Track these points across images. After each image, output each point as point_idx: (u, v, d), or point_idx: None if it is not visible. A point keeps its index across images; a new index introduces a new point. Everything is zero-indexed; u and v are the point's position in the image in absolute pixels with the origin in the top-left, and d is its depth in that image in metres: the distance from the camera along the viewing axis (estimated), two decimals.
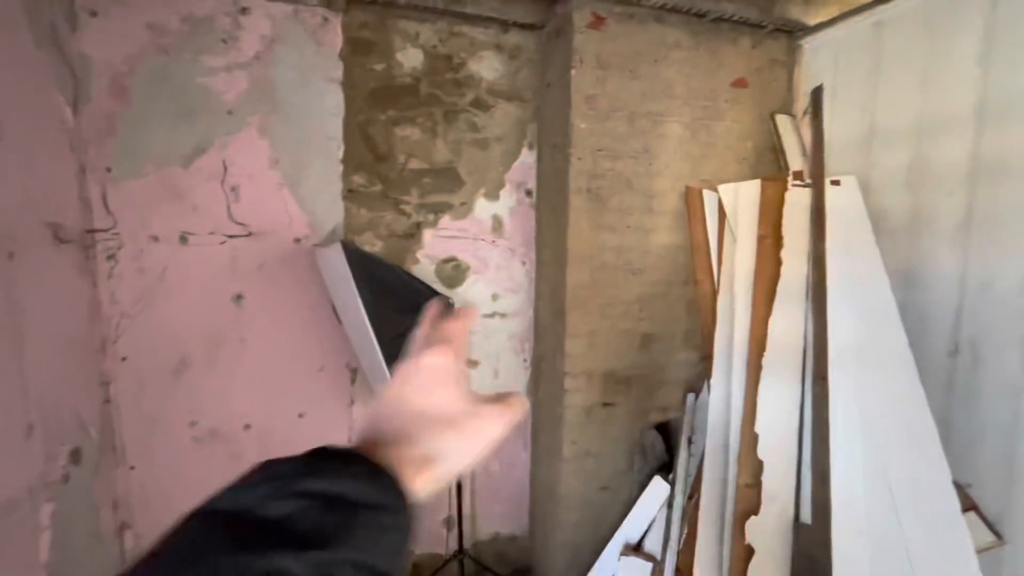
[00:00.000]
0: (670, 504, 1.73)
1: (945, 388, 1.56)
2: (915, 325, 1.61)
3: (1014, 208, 1.39)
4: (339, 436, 2.01)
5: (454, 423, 0.40)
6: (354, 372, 1.99)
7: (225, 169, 1.78)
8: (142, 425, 1.79)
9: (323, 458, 0.34)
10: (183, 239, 1.76)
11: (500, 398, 0.42)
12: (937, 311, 1.58)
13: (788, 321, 1.58)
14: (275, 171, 1.83)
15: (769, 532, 1.34)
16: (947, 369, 1.56)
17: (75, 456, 1.55)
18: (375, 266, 1.61)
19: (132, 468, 1.79)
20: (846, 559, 1.28)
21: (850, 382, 1.46)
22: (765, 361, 1.54)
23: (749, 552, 1.32)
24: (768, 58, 2.05)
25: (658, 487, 1.79)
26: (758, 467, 1.42)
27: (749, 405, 1.51)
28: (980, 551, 1.41)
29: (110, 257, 1.70)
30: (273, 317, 1.88)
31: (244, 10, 1.73)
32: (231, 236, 1.81)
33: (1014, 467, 1.40)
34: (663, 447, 2.08)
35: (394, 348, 1.57)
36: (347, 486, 0.32)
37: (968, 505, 1.48)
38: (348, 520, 0.31)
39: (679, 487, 1.74)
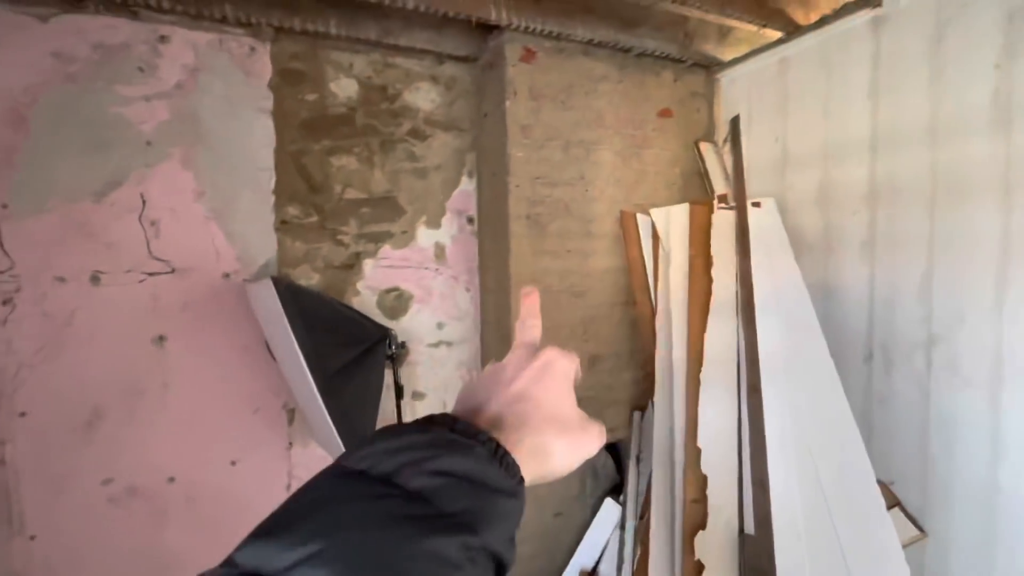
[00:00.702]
0: (622, 525, 1.73)
1: (864, 392, 1.67)
2: (834, 334, 1.73)
3: (906, 226, 1.54)
4: (277, 482, 1.88)
5: (568, 429, 0.40)
6: (292, 412, 1.89)
7: (144, 203, 1.67)
8: (45, 488, 1.60)
9: (453, 431, 0.34)
10: (95, 279, 1.62)
11: (594, 421, 0.43)
12: (852, 321, 1.71)
13: (722, 336, 1.65)
14: (200, 204, 1.73)
15: (717, 546, 1.37)
16: (864, 374, 1.67)
17: None
18: (309, 300, 1.55)
19: (32, 537, 1.59)
20: (788, 565, 1.32)
21: (780, 392, 1.54)
22: (703, 376, 1.60)
23: (699, 568, 1.34)
24: (689, 90, 2.19)
25: (609, 510, 1.79)
26: (703, 481, 1.45)
27: (691, 420, 1.55)
28: (905, 545, 1.50)
29: (6, 302, 1.54)
30: (200, 359, 1.75)
31: (163, 38, 1.66)
32: (151, 274, 1.69)
33: (927, 463, 1.51)
34: (614, 468, 2.09)
35: (335, 383, 1.50)
36: (485, 469, 0.32)
37: (892, 502, 1.57)
38: (487, 504, 0.31)
39: (630, 507, 1.75)
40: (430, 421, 0.35)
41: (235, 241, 1.78)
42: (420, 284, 2.06)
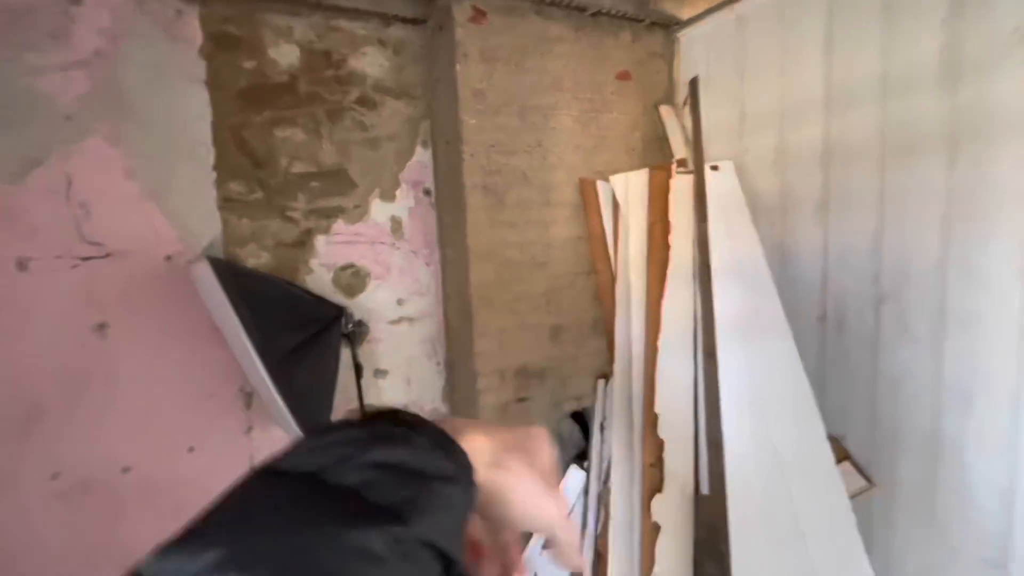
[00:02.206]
0: (586, 491, 1.76)
1: (818, 351, 1.71)
2: (790, 295, 1.75)
3: (858, 186, 1.54)
4: (237, 466, 1.85)
5: (543, 485, 0.37)
6: (249, 396, 1.84)
7: (69, 183, 1.56)
8: None
9: (392, 422, 0.32)
10: (21, 265, 1.53)
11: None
12: (806, 281, 1.72)
13: (679, 302, 1.66)
14: (133, 182, 1.63)
15: (673, 508, 1.40)
16: (818, 333, 1.70)
17: None
18: (253, 280, 1.49)
19: None
20: (741, 522, 1.36)
21: (736, 355, 1.55)
22: (660, 343, 1.60)
23: (656, 529, 1.37)
24: (648, 51, 2.13)
25: (575, 476, 1.82)
26: (660, 446, 1.47)
27: (648, 386, 1.56)
28: (854, 496, 1.56)
29: None
30: (147, 346, 1.68)
31: (75, 1, 1.52)
32: (85, 258, 1.59)
33: (875, 416, 1.56)
34: (580, 435, 2.12)
35: (287, 365, 1.46)
36: (424, 457, 0.30)
37: (842, 456, 1.63)
38: (423, 493, 0.29)
39: (594, 473, 1.77)
40: (375, 416, 0.33)
41: (175, 221, 1.68)
42: (377, 260, 2.01)
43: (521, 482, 0.36)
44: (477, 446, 0.34)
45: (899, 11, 1.41)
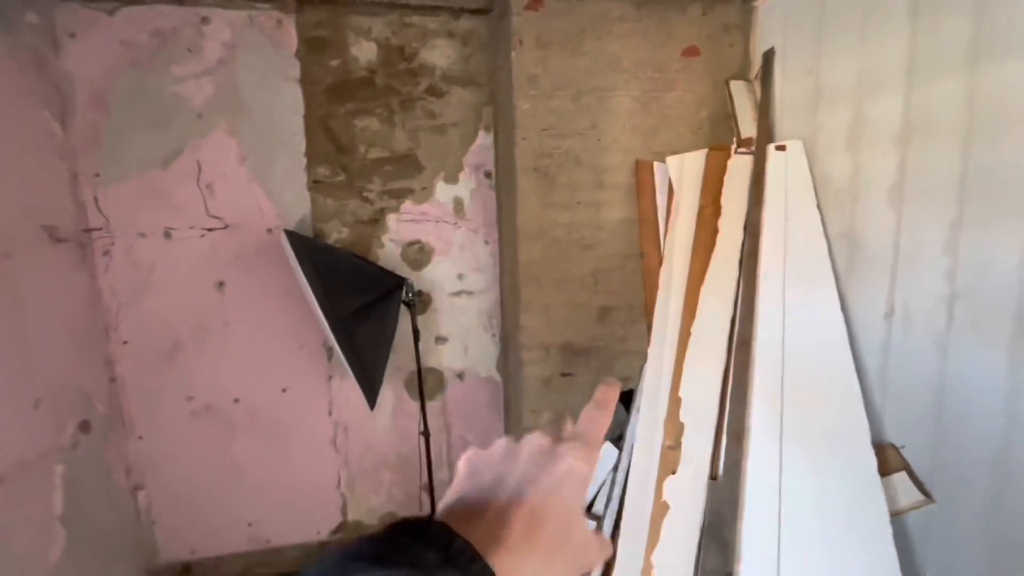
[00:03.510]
0: (616, 467, 1.81)
1: (882, 350, 1.55)
2: (857, 288, 1.61)
3: (937, 169, 1.36)
4: (321, 408, 2.19)
5: (571, 550, 0.35)
6: (330, 351, 2.16)
7: (200, 169, 1.95)
8: (146, 400, 2.03)
9: (446, 561, 0.29)
10: (167, 234, 1.96)
11: (598, 535, 0.39)
12: (875, 273, 1.56)
13: (720, 289, 1.61)
14: (244, 167, 1.99)
15: (685, 490, 1.41)
16: (883, 331, 1.54)
17: (84, 427, 1.79)
18: (322, 251, 1.75)
19: (140, 438, 2.04)
20: (757, 513, 1.34)
21: (775, 346, 1.49)
22: (694, 329, 1.58)
23: (665, 508, 1.40)
24: (721, 23, 2.02)
25: (607, 451, 1.87)
26: (680, 429, 1.48)
27: (676, 371, 1.56)
28: (909, 510, 1.43)
29: (105, 253, 1.92)
30: (253, 302, 2.06)
31: (205, 20, 1.88)
32: (209, 229, 1.99)
33: (940, 426, 1.39)
34: (624, 415, 2.15)
35: (349, 325, 1.71)
36: None
37: (900, 466, 1.48)
38: None
39: (626, 451, 1.81)
40: (423, 537, 0.30)
41: (275, 199, 2.02)
42: (440, 237, 2.20)
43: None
44: None
45: None
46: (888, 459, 1.46)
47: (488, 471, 0.37)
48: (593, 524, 1.80)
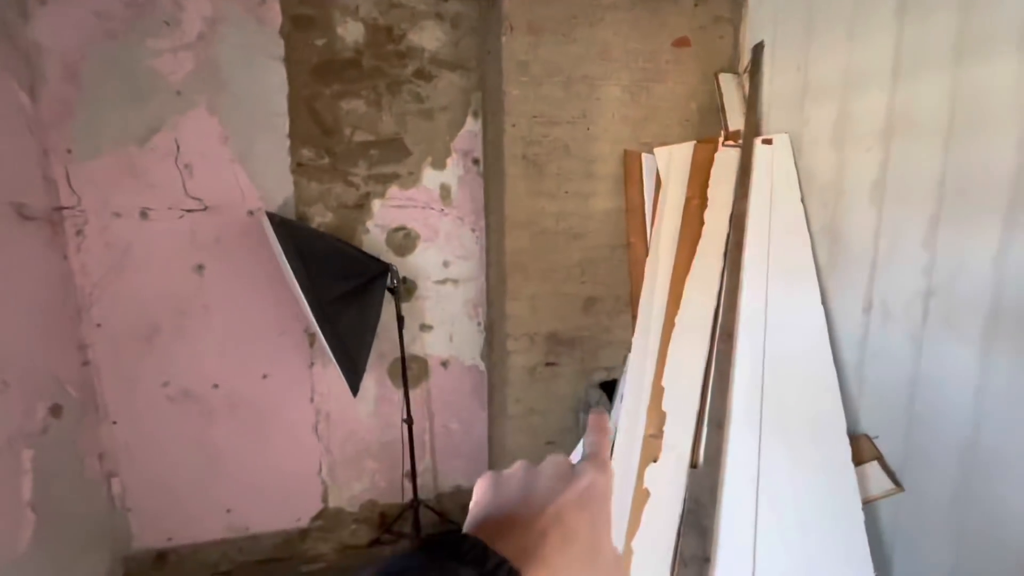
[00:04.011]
0: None
1: (860, 343, 1.59)
2: (837, 282, 1.63)
3: (918, 166, 1.39)
4: (302, 394, 2.17)
5: (600, 568, 0.35)
6: (312, 336, 2.13)
7: (178, 147, 1.89)
8: (121, 385, 1.98)
9: (481, 573, 0.29)
10: (144, 215, 1.90)
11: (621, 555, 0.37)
12: (855, 268, 1.59)
13: (704, 280, 1.62)
14: (226, 147, 1.93)
15: (666, 478, 1.43)
16: (862, 324, 1.58)
17: (55, 411, 1.74)
18: (304, 235, 1.72)
19: (114, 423, 1.99)
20: (735, 502, 1.36)
21: (757, 338, 1.51)
22: (678, 319, 1.59)
23: (645, 495, 1.42)
24: (712, 15, 2.02)
25: None
26: (662, 418, 1.49)
27: (660, 360, 1.57)
28: (879, 498, 1.47)
29: (78, 232, 1.86)
30: (233, 285, 2.02)
31: None
32: (188, 211, 1.94)
33: (912, 418, 1.44)
34: (609, 404, 2.17)
35: (331, 311, 1.68)
36: None
37: (873, 455, 1.53)
38: None
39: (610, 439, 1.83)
40: (454, 554, 0.29)
41: (257, 181, 1.97)
42: (426, 224, 2.18)
43: None
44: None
45: None
46: (862, 449, 1.50)
47: (513, 485, 0.37)
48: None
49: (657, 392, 1.54)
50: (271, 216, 1.56)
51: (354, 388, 1.73)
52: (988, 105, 1.23)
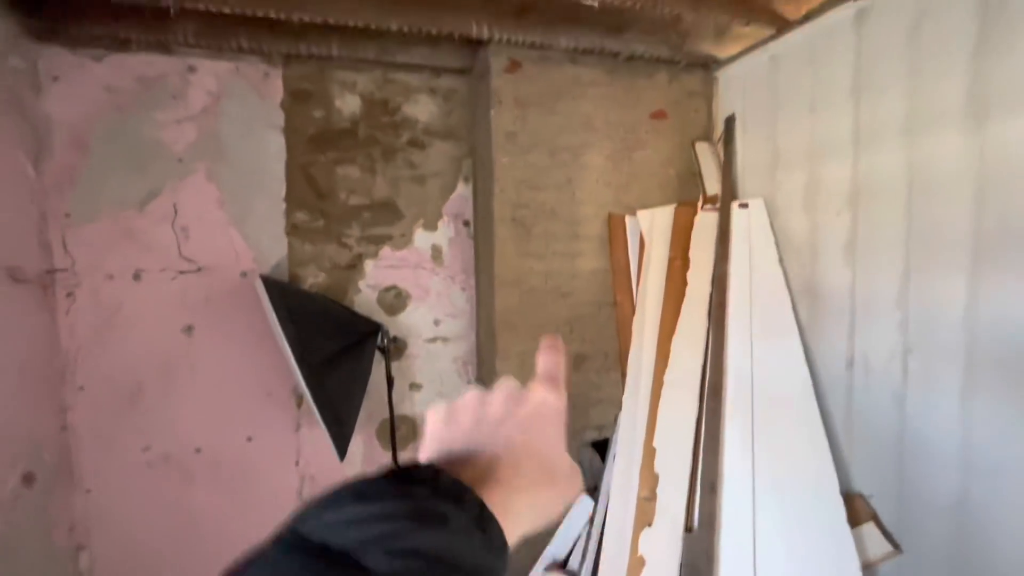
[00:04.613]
0: (592, 520, 1.78)
1: (845, 400, 1.61)
2: (819, 339, 1.68)
3: (884, 227, 1.47)
4: (288, 458, 2.11)
5: (556, 480, 0.36)
6: (300, 398, 2.10)
7: (176, 211, 1.94)
8: (98, 450, 1.92)
9: (435, 490, 0.30)
10: (136, 276, 1.92)
11: (576, 465, 0.39)
12: (835, 326, 1.64)
13: (690, 339, 1.66)
14: (223, 211, 1.99)
15: (662, 543, 1.40)
16: (846, 381, 1.61)
17: (27, 479, 1.67)
18: (297, 296, 1.74)
19: (88, 491, 1.91)
20: (733, 566, 1.33)
21: (745, 396, 1.52)
22: (667, 378, 1.61)
23: (641, 562, 1.37)
24: (686, 90, 2.18)
25: (583, 504, 1.84)
26: (655, 480, 1.48)
27: (650, 421, 1.57)
28: (879, 562, 1.44)
29: (69, 294, 1.86)
30: (221, 346, 2.01)
31: (191, 68, 1.92)
32: (181, 272, 1.96)
33: (903, 476, 1.44)
34: (601, 465, 2.13)
35: (321, 372, 1.68)
36: (461, 545, 0.28)
37: (868, 516, 1.51)
38: None
39: (601, 504, 1.79)
40: (408, 477, 0.30)
41: (251, 243, 2.02)
42: (417, 283, 2.21)
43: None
44: (500, 502, 0.32)
45: (926, 49, 1.36)
46: (857, 509, 1.49)
47: (465, 416, 0.38)
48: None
49: (649, 453, 1.53)
50: (264, 279, 1.58)
51: (341, 452, 1.70)
52: (940, 173, 1.33)
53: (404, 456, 2.18)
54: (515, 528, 0.32)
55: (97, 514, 1.92)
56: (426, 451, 0.37)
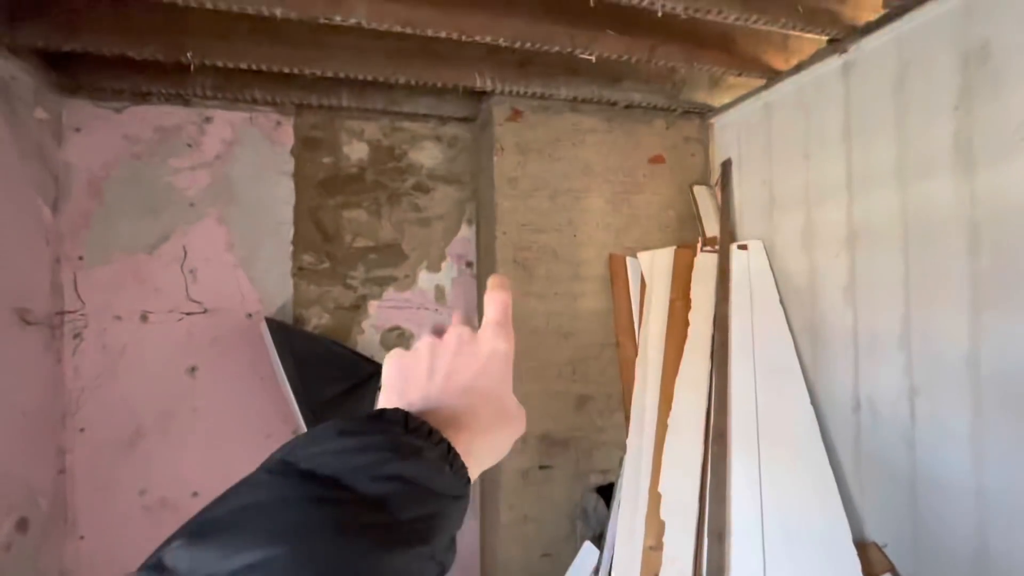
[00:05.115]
0: (597, 570, 1.72)
1: (853, 444, 1.58)
2: (824, 381, 1.66)
3: (883, 270, 1.48)
4: None
5: (508, 420, 0.40)
6: None
7: (185, 254, 1.99)
8: (95, 495, 1.89)
9: (406, 430, 0.32)
10: (144, 317, 1.94)
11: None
12: (839, 367, 1.63)
13: (693, 381, 1.65)
14: (231, 254, 2.03)
15: None
16: (853, 425, 1.58)
17: (22, 525, 1.64)
18: (301, 339, 1.75)
19: (82, 538, 1.87)
20: None
21: (750, 439, 1.50)
22: (670, 421, 1.59)
23: None
24: (682, 136, 2.25)
25: (588, 552, 1.78)
26: (660, 528, 1.44)
27: (655, 464, 1.55)
28: None
29: (76, 336, 1.88)
30: (224, 387, 2.01)
31: (207, 119, 2.01)
32: (188, 313, 1.99)
33: (917, 522, 1.39)
34: (605, 511, 2.07)
35: (320, 415, 1.67)
36: (435, 474, 0.31)
37: (885, 567, 1.45)
38: (437, 511, 0.30)
39: (607, 553, 1.73)
40: (381, 418, 0.33)
41: (258, 285, 2.05)
42: (420, 324, 2.22)
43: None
44: (463, 446, 0.35)
45: (911, 99, 1.41)
46: (872, 560, 1.44)
47: (420, 365, 0.40)
48: None
49: (654, 500, 1.49)
50: (268, 320, 1.60)
51: None
52: (934, 216, 1.35)
53: None
54: (476, 467, 0.35)
55: (90, 562, 1.88)
56: (385, 401, 0.39)
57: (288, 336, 1.65)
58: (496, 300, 0.43)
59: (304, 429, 1.64)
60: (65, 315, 1.87)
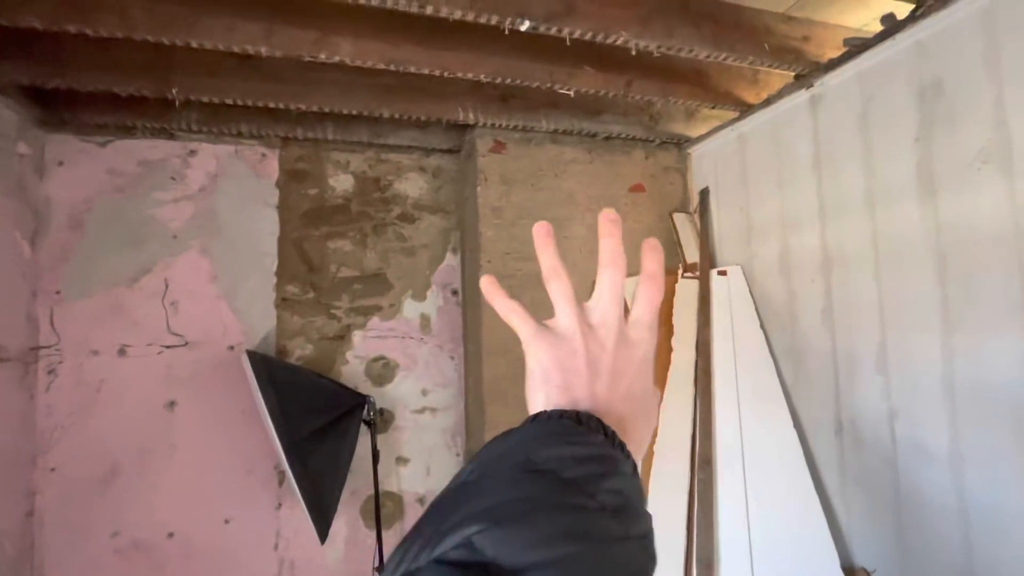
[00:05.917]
0: None
1: (839, 468, 1.59)
2: (806, 404, 1.68)
3: (858, 293, 1.52)
4: (266, 541, 2.00)
5: (651, 422, 0.41)
6: (282, 474, 2.03)
7: (166, 286, 1.97)
8: (64, 538, 1.81)
9: (612, 444, 0.34)
10: (122, 351, 1.91)
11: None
12: (820, 390, 1.65)
13: (677, 406, 1.65)
14: (213, 285, 2.02)
15: None
16: (837, 448, 1.59)
17: None
18: (283, 371, 1.73)
19: None
20: None
21: (736, 466, 1.50)
22: (656, 447, 1.59)
23: None
24: (662, 166, 2.31)
25: None
26: None
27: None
28: None
29: (50, 372, 1.84)
30: (204, 422, 1.96)
31: (192, 152, 2.03)
32: (168, 347, 1.95)
33: (904, 545, 1.39)
34: None
35: (305, 447, 1.64)
36: (637, 489, 0.33)
37: None
38: (647, 526, 0.32)
39: None
40: (580, 423, 0.35)
41: (240, 316, 2.03)
42: (405, 352, 2.21)
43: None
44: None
45: (875, 132, 1.47)
46: None
47: (577, 361, 0.39)
48: None
49: None
50: (250, 353, 1.59)
51: (322, 535, 1.62)
52: (903, 242, 1.40)
53: (389, 537, 2.07)
54: None
55: None
56: (544, 394, 0.39)
57: (269, 368, 1.63)
58: (649, 297, 0.43)
59: (285, 464, 1.60)
60: (40, 350, 1.83)
